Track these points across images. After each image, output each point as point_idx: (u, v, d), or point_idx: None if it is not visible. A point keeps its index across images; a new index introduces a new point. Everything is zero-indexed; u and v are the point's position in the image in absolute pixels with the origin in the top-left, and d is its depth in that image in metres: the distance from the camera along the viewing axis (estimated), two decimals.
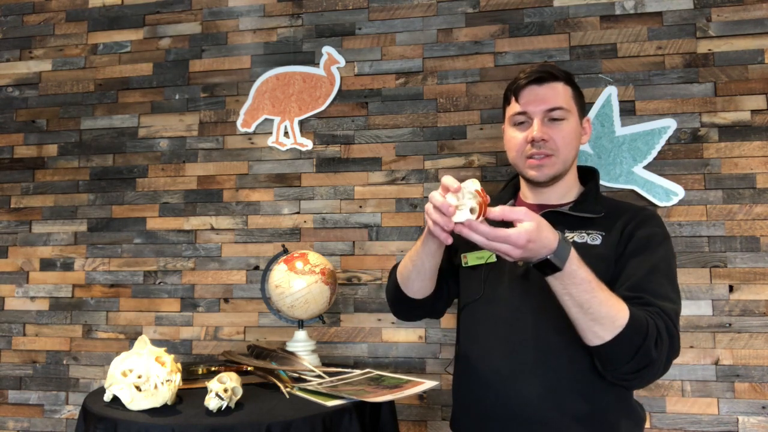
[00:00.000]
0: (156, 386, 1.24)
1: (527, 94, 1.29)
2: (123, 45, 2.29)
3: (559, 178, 1.31)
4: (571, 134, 1.28)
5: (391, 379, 1.47)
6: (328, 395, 1.33)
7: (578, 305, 1.05)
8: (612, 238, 1.24)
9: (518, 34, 2.03)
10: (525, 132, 1.29)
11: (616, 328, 1.05)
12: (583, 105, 1.35)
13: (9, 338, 2.23)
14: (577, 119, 1.31)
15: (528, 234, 0.98)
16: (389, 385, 1.40)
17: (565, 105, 1.28)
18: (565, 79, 1.30)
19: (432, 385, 1.37)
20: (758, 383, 1.79)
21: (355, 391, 1.34)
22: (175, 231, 2.17)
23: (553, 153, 1.27)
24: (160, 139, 2.22)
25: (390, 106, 2.09)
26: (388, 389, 1.36)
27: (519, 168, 1.33)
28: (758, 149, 1.86)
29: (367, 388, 1.37)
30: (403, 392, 1.33)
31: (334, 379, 1.49)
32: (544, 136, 1.25)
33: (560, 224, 1.22)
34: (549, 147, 1.26)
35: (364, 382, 1.46)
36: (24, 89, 2.34)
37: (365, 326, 2.03)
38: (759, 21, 1.89)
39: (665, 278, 1.19)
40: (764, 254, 1.82)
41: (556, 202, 1.33)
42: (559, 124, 1.27)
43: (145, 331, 2.14)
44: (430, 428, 1.96)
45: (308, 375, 1.52)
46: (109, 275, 2.19)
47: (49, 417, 2.17)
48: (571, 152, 1.29)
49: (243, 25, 2.21)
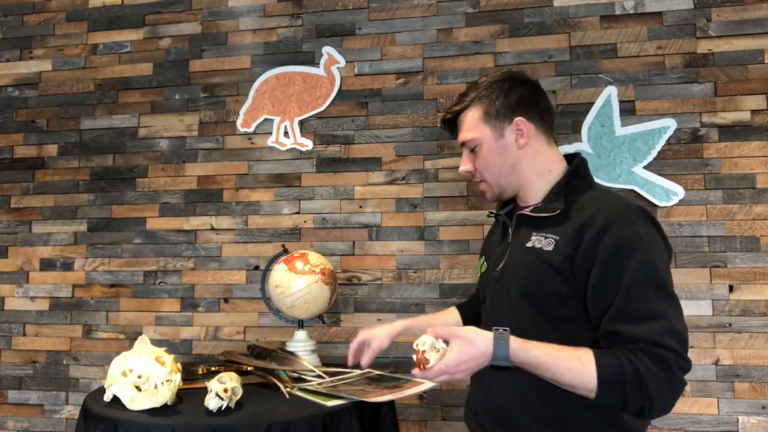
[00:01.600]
0: (156, 386, 1.24)
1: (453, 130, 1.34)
2: (123, 45, 2.29)
3: (507, 191, 1.30)
4: (488, 157, 1.26)
5: (391, 379, 1.47)
6: (328, 395, 1.33)
7: (547, 379, 1.07)
8: (564, 242, 1.13)
9: (518, 34, 2.03)
10: None
11: (590, 391, 1.03)
12: (500, 113, 1.25)
13: (9, 338, 2.23)
14: (492, 138, 1.25)
15: (457, 358, 1.04)
16: (389, 385, 1.40)
17: (474, 133, 1.26)
18: (472, 100, 1.27)
19: (431, 385, 1.36)
20: (758, 383, 1.79)
21: (354, 391, 1.34)
22: (175, 231, 2.17)
23: (483, 178, 1.29)
24: (160, 139, 2.22)
25: (390, 106, 2.09)
26: (387, 389, 1.36)
27: None
28: (758, 149, 1.86)
29: (367, 388, 1.37)
30: (402, 392, 1.33)
31: (334, 379, 1.49)
32: (467, 168, 1.30)
33: (529, 227, 1.22)
34: (477, 175, 1.30)
35: (364, 382, 1.46)
36: (24, 89, 2.34)
37: (365, 326, 2.03)
38: (759, 21, 1.89)
39: (649, 289, 1.05)
40: (764, 254, 1.82)
41: (532, 201, 1.28)
42: (477, 152, 1.27)
43: (145, 331, 2.14)
44: (430, 428, 1.96)
45: (308, 375, 1.52)
46: (109, 275, 2.19)
47: (49, 417, 2.17)
48: (497, 171, 1.27)
49: (243, 25, 2.21)
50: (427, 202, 2.03)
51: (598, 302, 1.09)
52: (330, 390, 1.36)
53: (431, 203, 2.03)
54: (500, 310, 1.25)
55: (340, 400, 1.28)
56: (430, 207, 2.03)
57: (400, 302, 2.01)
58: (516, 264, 1.23)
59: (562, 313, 1.14)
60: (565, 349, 1.06)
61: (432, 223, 2.03)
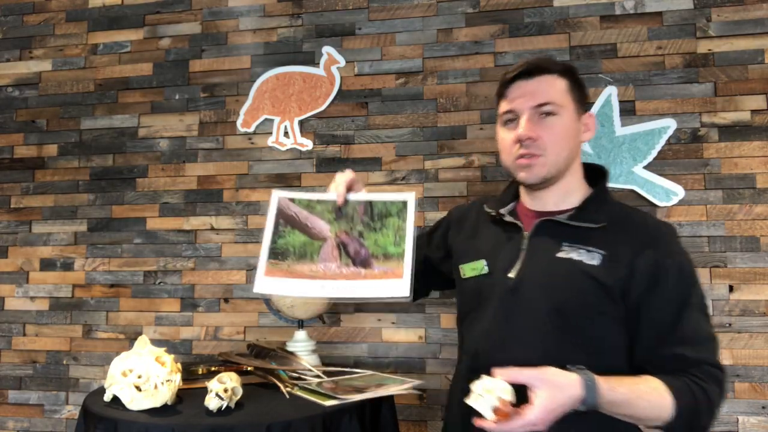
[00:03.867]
0: (156, 386, 1.24)
1: (514, 90, 1.17)
2: (123, 45, 2.29)
3: (553, 180, 1.17)
4: (563, 131, 1.14)
5: (391, 380, 1.47)
6: (328, 395, 1.33)
7: (623, 416, 1.01)
8: (616, 262, 1.07)
9: (518, 34, 2.03)
10: (514, 131, 1.16)
11: (663, 421, 0.99)
12: (583, 99, 1.20)
13: (9, 338, 2.23)
14: (573, 114, 1.16)
15: (544, 407, 0.92)
16: (381, 383, 1.40)
17: (557, 99, 1.14)
18: (560, 71, 1.17)
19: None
20: (758, 383, 1.79)
21: (353, 392, 1.34)
22: (175, 231, 2.17)
23: (542, 153, 1.13)
24: (160, 139, 2.22)
25: (390, 106, 2.09)
26: (377, 387, 1.36)
27: (510, 171, 1.21)
28: (758, 149, 1.86)
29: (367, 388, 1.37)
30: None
31: (335, 378, 1.49)
32: (530, 133, 1.12)
33: (557, 236, 1.13)
34: (537, 146, 1.13)
35: (363, 381, 1.46)
36: (24, 89, 2.34)
37: (365, 326, 2.03)
38: (759, 21, 1.89)
39: (701, 311, 1.07)
40: (764, 254, 1.82)
41: (554, 207, 1.19)
42: (550, 120, 1.13)
43: (145, 331, 2.14)
44: (430, 428, 1.96)
45: (308, 375, 1.52)
46: (109, 275, 2.19)
47: (49, 417, 2.17)
48: (563, 151, 1.14)
49: (243, 25, 2.21)
50: (427, 202, 2.03)
51: (656, 326, 1.05)
52: (329, 390, 1.36)
53: (431, 203, 2.03)
54: (519, 329, 1.10)
55: (339, 401, 1.28)
56: (430, 207, 2.03)
57: (400, 302, 2.01)
58: (543, 275, 1.10)
59: (600, 336, 1.06)
60: (640, 381, 1.01)
61: (432, 223, 2.02)
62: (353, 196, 1.26)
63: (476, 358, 1.15)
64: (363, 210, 1.24)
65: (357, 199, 1.25)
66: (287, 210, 1.26)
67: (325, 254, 1.21)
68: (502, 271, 1.15)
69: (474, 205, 1.38)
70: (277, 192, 1.28)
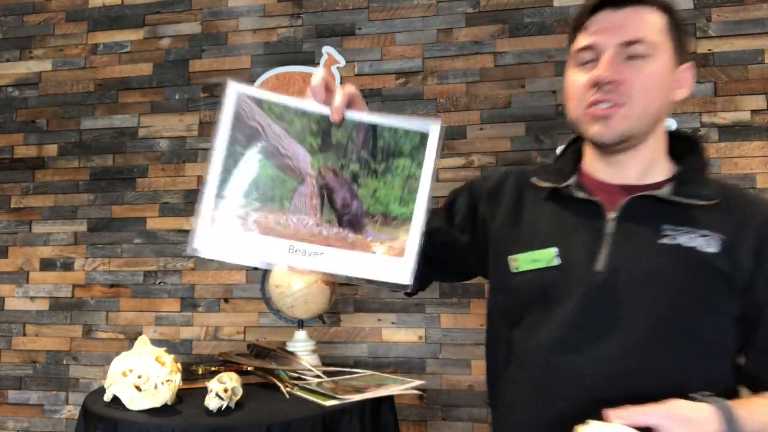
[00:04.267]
0: (156, 386, 1.24)
1: (598, 21, 0.92)
2: (123, 45, 2.29)
3: (634, 141, 0.91)
4: (655, 79, 0.88)
5: (391, 380, 1.47)
6: (328, 395, 1.33)
7: None
8: (737, 248, 0.86)
9: (518, 34, 2.03)
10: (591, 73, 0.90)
11: None
12: (683, 45, 0.94)
13: (9, 338, 2.23)
14: (669, 61, 0.90)
15: None
16: (381, 383, 1.40)
17: (651, 38, 0.88)
18: (658, 4, 0.91)
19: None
20: None
21: (352, 392, 1.34)
22: (175, 231, 2.17)
23: (626, 102, 0.87)
24: (160, 139, 2.22)
25: (390, 106, 2.09)
26: (377, 387, 1.36)
27: (579, 124, 0.94)
28: (758, 149, 1.86)
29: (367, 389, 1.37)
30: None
31: (335, 378, 1.49)
32: (614, 75, 0.87)
33: (654, 217, 0.89)
34: (620, 92, 0.87)
35: (363, 381, 1.46)
36: (24, 89, 2.34)
37: (365, 326, 2.03)
38: (759, 21, 1.89)
39: None
40: None
41: (635, 180, 0.93)
42: (639, 63, 0.88)
43: (145, 331, 2.14)
44: (430, 428, 1.96)
45: (307, 375, 1.52)
46: (109, 275, 2.19)
47: (49, 417, 2.17)
48: (652, 104, 0.89)
49: (243, 25, 2.21)
50: None
51: None
52: (329, 390, 1.36)
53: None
54: (613, 337, 0.86)
55: (339, 401, 1.28)
56: None
57: (400, 302, 2.01)
58: (645, 267, 0.87)
59: (713, 341, 0.87)
60: None
61: None
62: (354, 114, 0.83)
63: (546, 371, 0.90)
64: (363, 139, 0.83)
65: (358, 120, 0.83)
66: (249, 118, 0.84)
67: (299, 201, 0.81)
68: (584, 263, 0.89)
69: (508, 177, 1.07)
70: (236, 84, 0.85)
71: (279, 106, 0.85)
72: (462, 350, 1.94)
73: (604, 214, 0.91)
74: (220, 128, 0.82)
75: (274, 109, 0.85)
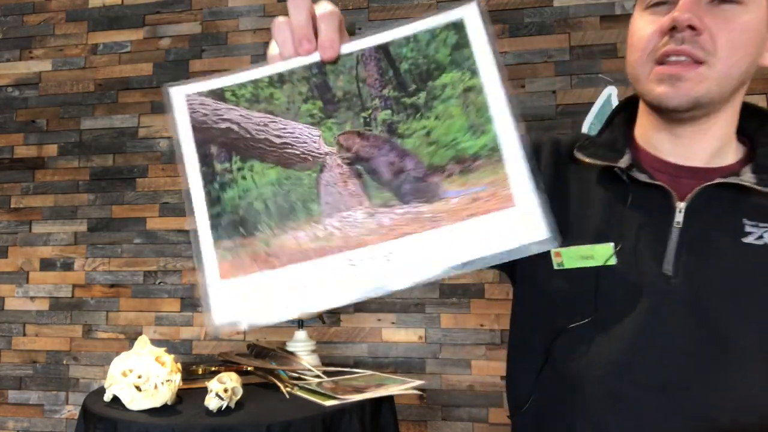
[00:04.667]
0: (156, 386, 1.24)
1: None
2: (123, 45, 2.29)
3: (708, 110, 0.71)
4: (747, 33, 0.68)
5: (391, 380, 1.47)
6: (328, 395, 1.33)
7: None
8: None
9: (518, 34, 2.03)
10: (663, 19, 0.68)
11: None
12: None
13: (9, 338, 2.23)
14: (766, 11, 0.69)
15: None
16: (382, 383, 1.40)
17: None
18: None
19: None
20: None
21: (352, 392, 1.34)
22: (175, 231, 2.17)
23: (706, 57, 0.66)
24: (160, 139, 2.22)
25: None
26: (378, 387, 1.36)
27: (640, 82, 0.72)
28: None
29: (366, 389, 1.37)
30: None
31: (335, 378, 1.49)
32: (694, 21, 0.65)
33: (732, 209, 0.70)
34: (700, 45, 0.66)
35: (363, 381, 1.46)
36: (24, 89, 2.34)
37: (365, 326, 2.03)
38: None
39: None
40: None
41: (704, 162, 0.74)
42: (729, 10, 0.67)
43: (145, 331, 2.14)
44: (430, 428, 1.96)
45: (307, 375, 1.52)
46: (109, 275, 2.19)
47: (49, 417, 2.17)
48: (739, 65, 0.69)
49: (243, 25, 2.21)
50: None
51: None
52: (329, 390, 1.37)
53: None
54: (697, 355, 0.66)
55: (339, 401, 1.29)
56: None
57: (400, 302, 2.01)
58: (728, 272, 0.68)
59: None
60: None
61: None
62: (350, 44, 0.57)
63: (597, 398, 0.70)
64: (377, 71, 0.56)
65: (359, 49, 0.57)
66: (215, 121, 0.57)
67: (330, 195, 0.53)
68: (650, 263, 0.70)
69: (542, 145, 0.82)
70: (176, 87, 0.58)
71: (246, 87, 0.60)
72: (462, 350, 1.94)
73: (674, 204, 0.71)
74: (183, 151, 0.56)
75: (241, 93, 0.60)
